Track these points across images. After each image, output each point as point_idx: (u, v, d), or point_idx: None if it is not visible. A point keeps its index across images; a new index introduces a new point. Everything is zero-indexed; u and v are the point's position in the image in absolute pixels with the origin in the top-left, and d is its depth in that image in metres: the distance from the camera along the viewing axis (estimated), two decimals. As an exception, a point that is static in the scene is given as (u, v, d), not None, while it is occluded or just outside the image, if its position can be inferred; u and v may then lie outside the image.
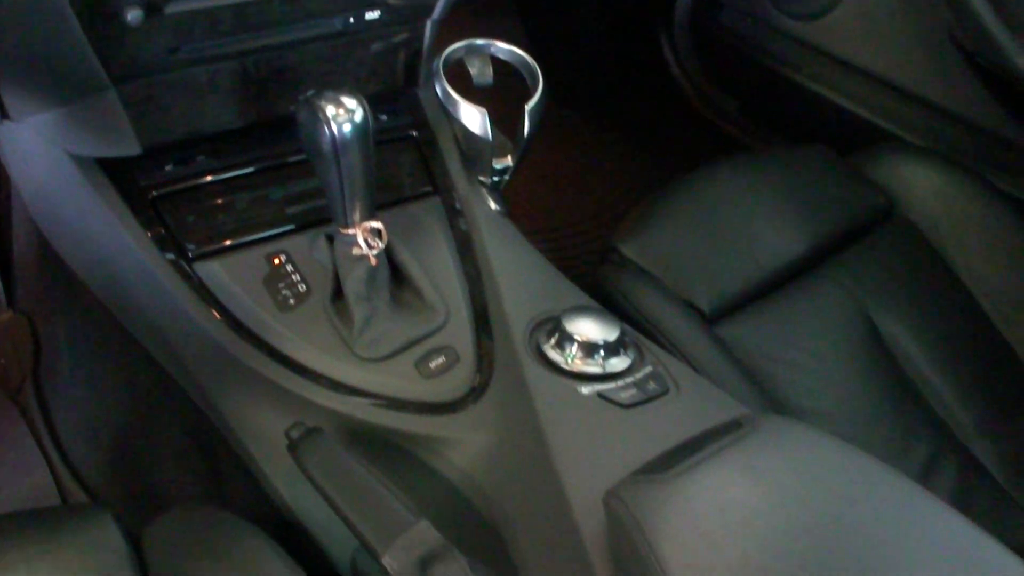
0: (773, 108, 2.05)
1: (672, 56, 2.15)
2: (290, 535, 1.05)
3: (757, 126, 2.09)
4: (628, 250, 1.35)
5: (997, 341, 1.44)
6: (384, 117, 1.18)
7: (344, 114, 0.91)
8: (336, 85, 0.94)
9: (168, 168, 1.08)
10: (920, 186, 1.54)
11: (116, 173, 1.05)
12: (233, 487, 1.19)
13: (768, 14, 1.88)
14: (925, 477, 1.25)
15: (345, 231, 1.01)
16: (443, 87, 1.16)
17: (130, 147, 1.03)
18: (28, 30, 0.88)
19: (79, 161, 1.04)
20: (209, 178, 1.10)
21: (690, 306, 1.30)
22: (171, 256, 1.05)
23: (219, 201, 1.10)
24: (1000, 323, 1.45)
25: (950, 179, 1.54)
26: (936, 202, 1.53)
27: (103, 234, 1.07)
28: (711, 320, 1.30)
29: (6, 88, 0.99)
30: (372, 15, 1.08)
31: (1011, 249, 1.49)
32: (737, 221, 1.40)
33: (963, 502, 1.22)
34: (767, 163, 1.53)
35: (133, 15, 0.91)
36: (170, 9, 0.94)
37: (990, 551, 0.73)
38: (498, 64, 1.21)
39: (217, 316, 1.04)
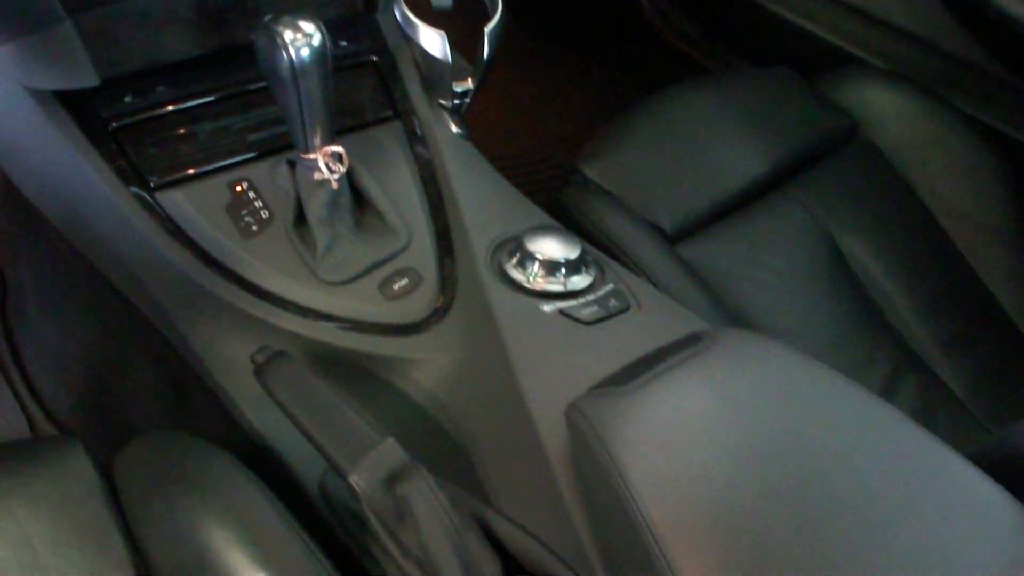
0: (737, 31, 2.04)
1: (636, -20, 2.14)
2: (259, 460, 1.05)
3: (721, 50, 2.08)
4: (591, 172, 1.35)
5: (958, 261, 1.46)
6: (344, 43, 1.17)
7: (302, 39, 0.91)
8: (294, 11, 0.93)
9: (127, 99, 1.07)
10: (883, 108, 1.55)
11: (75, 106, 1.04)
12: (202, 416, 1.19)
13: (731, -64, 1.87)
14: (886, 393, 1.27)
15: (306, 156, 1.00)
16: (402, 11, 1.15)
17: (88, 78, 1.02)
18: None
19: (37, 95, 1.03)
20: (169, 108, 1.09)
21: (653, 226, 1.30)
22: (134, 188, 1.04)
23: (180, 131, 1.09)
24: (961, 244, 1.46)
25: (913, 102, 1.55)
26: (899, 124, 1.54)
27: (65, 169, 1.06)
28: (674, 240, 1.31)
29: (-43, 25, 0.98)
30: None
31: (972, 171, 1.50)
32: (700, 142, 1.41)
33: (924, 417, 1.24)
34: (731, 85, 1.53)
35: None
36: None
37: (947, 458, 0.74)
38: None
39: (181, 246, 1.04)
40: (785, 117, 1.48)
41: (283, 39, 0.90)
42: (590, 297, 0.98)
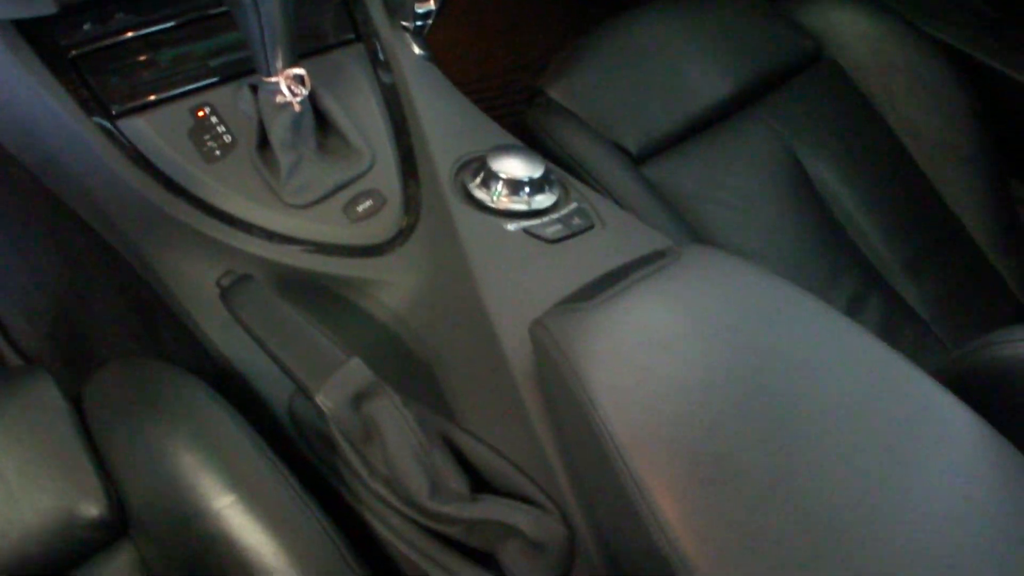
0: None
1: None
2: (228, 384, 1.06)
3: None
4: (555, 92, 1.35)
5: (921, 183, 1.47)
6: None
7: None
8: None
9: (86, 27, 1.06)
10: (847, 30, 1.55)
11: (34, 35, 1.03)
12: (170, 342, 1.19)
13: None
14: (850, 313, 1.28)
15: (268, 80, 0.99)
16: None
17: (45, 6, 1.00)
18: None
19: None
20: (130, 34, 1.08)
21: (617, 147, 1.30)
22: (96, 117, 1.03)
23: (141, 58, 1.08)
24: (924, 165, 1.47)
25: (877, 23, 1.55)
26: (863, 46, 1.54)
27: (24, 98, 1.04)
28: (638, 161, 1.31)
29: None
30: None
31: (936, 92, 1.51)
32: (664, 63, 1.40)
33: (887, 337, 1.25)
34: (694, 6, 1.52)
35: None
36: None
37: (909, 373, 0.75)
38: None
39: (144, 172, 1.03)
40: (750, 38, 1.48)
41: None
42: (554, 216, 0.98)
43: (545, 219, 0.98)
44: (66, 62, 1.04)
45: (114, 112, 1.04)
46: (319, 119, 1.08)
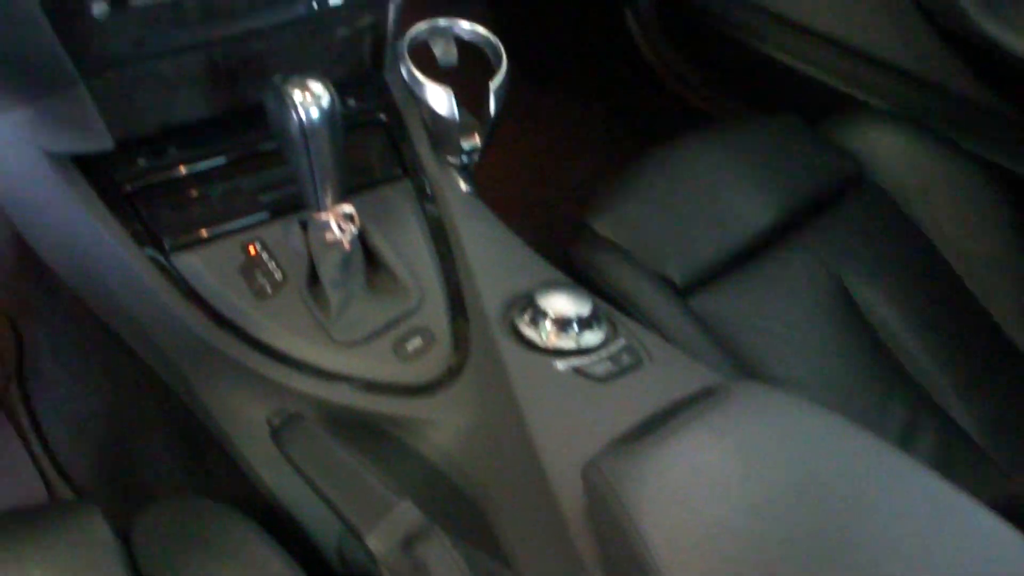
0: (740, 79, 2.05)
1: (638, 30, 2.15)
2: (276, 523, 1.05)
3: (725, 97, 2.09)
4: (599, 226, 1.36)
5: (971, 303, 1.45)
6: (352, 101, 1.18)
7: (311, 99, 0.92)
8: (303, 71, 0.94)
9: (141, 162, 1.09)
10: (888, 151, 1.55)
11: (90, 169, 1.06)
12: (219, 477, 1.20)
13: (732, -15, 1.88)
14: (904, 442, 1.26)
15: (318, 216, 1.01)
16: (408, 69, 1.16)
17: (102, 142, 1.03)
18: None
19: (53, 158, 1.04)
20: (182, 170, 1.11)
21: (662, 279, 1.31)
22: (148, 250, 1.05)
23: (193, 193, 1.10)
24: (973, 285, 1.46)
25: (917, 143, 1.55)
26: (904, 166, 1.54)
27: (80, 231, 1.07)
28: (684, 292, 1.31)
29: (-25, 86, 1.00)
30: (335, 0, 1.09)
31: (980, 210, 1.50)
32: (707, 193, 1.41)
33: (943, 465, 1.24)
34: (736, 134, 1.54)
35: (99, 9, 0.92)
36: (135, 2, 0.95)
37: (967, 508, 0.74)
38: (463, 44, 1.21)
39: (196, 308, 1.05)
40: (791, 164, 1.48)
41: (292, 99, 0.91)
42: (603, 353, 0.98)
43: (594, 357, 0.97)
44: (121, 197, 1.06)
45: (167, 247, 1.06)
46: (368, 256, 1.09)
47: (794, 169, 1.48)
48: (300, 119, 0.92)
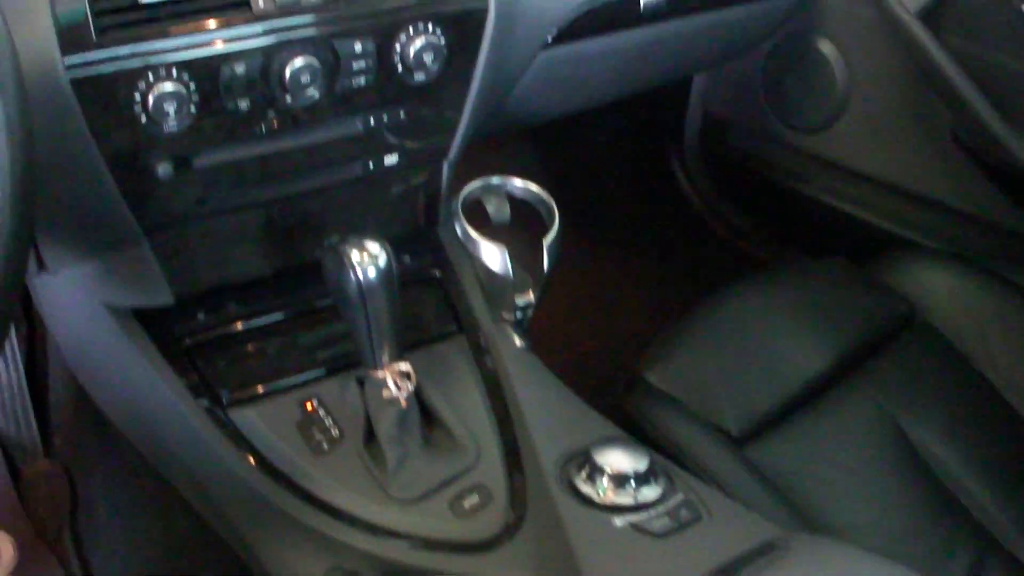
0: (787, 222, 2.07)
1: (685, 179, 2.18)
2: None
3: (773, 241, 2.10)
4: (653, 377, 1.36)
5: (1031, 439, 1.43)
6: (407, 258, 1.21)
7: (368, 260, 0.94)
8: (359, 229, 0.97)
9: (200, 316, 1.11)
10: (939, 290, 1.55)
11: (150, 322, 1.08)
12: None
13: (775, 130, 1.91)
14: (969, 584, 1.23)
15: (374, 374, 1.02)
16: (462, 227, 1.19)
17: (163, 297, 1.06)
18: (65, 184, 0.92)
19: (115, 311, 1.07)
20: (240, 326, 1.13)
21: (718, 429, 1.30)
22: (206, 404, 1.07)
23: (250, 348, 1.12)
24: (1032, 422, 1.44)
25: (968, 280, 1.55)
26: (956, 304, 1.53)
27: (139, 383, 1.09)
28: (740, 442, 1.30)
29: (43, 240, 1.03)
30: (391, 160, 1.12)
31: (1032, 343, 1.49)
32: (760, 341, 1.41)
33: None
34: (785, 279, 1.55)
35: (164, 169, 0.96)
36: (198, 163, 0.99)
37: None
38: (515, 199, 1.24)
39: (253, 463, 1.06)
40: (843, 308, 1.48)
41: (350, 260, 0.94)
42: (661, 509, 0.97)
43: (652, 512, 0.96)
44: (180, 350, 1.09)
45: (225, 401, 1.08)
46: (424, 412, 1.10)
47: (845, 312, 1.48)
48: (358, 279, 0.94)
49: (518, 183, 1.22)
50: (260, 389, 1.10)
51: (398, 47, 1.03)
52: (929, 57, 1.51)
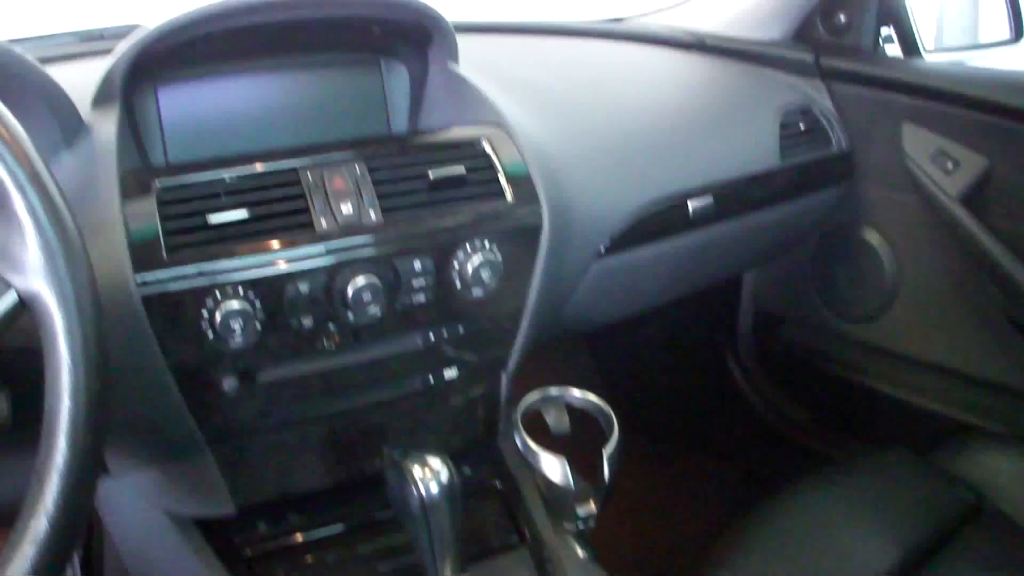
0: (845, 414, 2.05)
1: (740, 374, 2.18)
2: None
3: (832, 434, 2.08)
4: None
5: None
6: (467, 469, 1.21)
7: (430, 475, 0.95)
8: (420, 441, 0.98)
9: (261, 527, 1.12)
10: (1006, 474, 1.52)
11: (212, 531, 1.09)
12: None
13: (827, 322, 1.93)
14: None
15: (437, 588, 1.02)
16: (522, 439, 1.19)
17: (225, 507, 1.07)
18: (132, 394, 0.94)
19: (176, 519, 1.08)
20: (300, 537, 1.13)
21: None
22: None
23: (311, 559, 1.13)
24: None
25: (1035, 462, 1.53)
26: (1024, 489, 1.51)
27: None
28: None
29: (107, 446, 1.05)
30: (451, 373, 1.14)
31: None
32: (825, 540, 1.39)
33: None
34: (847, 474, 1.53)
35: (229, 383, 0.99)
36: (262, 377, 1.01)
37: None
38: (574, 409, 1.25)
39: None
40: (907, 500, 1.46)
41: (412, 475, 0.95)
42: None
43: None
44: (241, 561, 1.09)
45: None
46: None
47: (910, 505, 1.45)
48: (420, 494, 0.95)
49: (576, 393, 1.23)
50: None
51: (456, 264, 1.06)
52: (976, 241, 1.53)
